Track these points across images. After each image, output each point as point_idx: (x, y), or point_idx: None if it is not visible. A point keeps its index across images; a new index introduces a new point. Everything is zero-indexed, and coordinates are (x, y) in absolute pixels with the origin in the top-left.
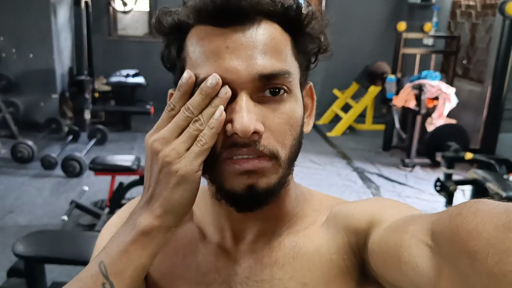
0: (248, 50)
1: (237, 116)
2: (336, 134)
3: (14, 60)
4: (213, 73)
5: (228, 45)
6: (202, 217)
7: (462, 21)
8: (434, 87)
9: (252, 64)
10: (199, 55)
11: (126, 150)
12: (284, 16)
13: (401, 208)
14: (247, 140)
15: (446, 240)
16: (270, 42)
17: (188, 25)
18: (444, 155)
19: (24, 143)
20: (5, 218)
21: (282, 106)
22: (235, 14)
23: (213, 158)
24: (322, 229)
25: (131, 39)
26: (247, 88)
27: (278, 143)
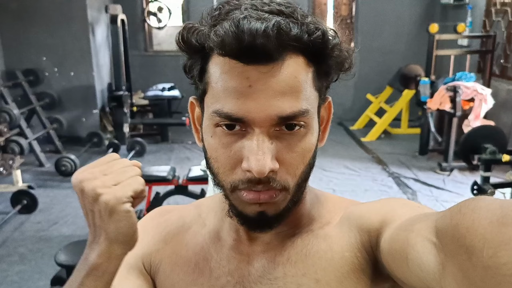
0: (269, 91)
1: (254, 156)
2: (371, 139)
3: (56, 79)
4: (235, 110)
5: (250, 84)
6: (218, 221)
7: (497, 19)
8: (469, 89)
9: (272, 106)
10: (222, 89)
11: (164, 160)
12: (310, 48)
13: (412, 207)
14: (264, 178)
15: (448, 237)
16: (292, 82)
17: (212, 50)
18: (480, 157)
19: (67, 157)
20: (50, 229)
21: (298, 141)
22: (260, 54)
23: (228, 185)
24: (335, 228)
25: (166, 54)
26: (265, 127)
27: (289, 175)
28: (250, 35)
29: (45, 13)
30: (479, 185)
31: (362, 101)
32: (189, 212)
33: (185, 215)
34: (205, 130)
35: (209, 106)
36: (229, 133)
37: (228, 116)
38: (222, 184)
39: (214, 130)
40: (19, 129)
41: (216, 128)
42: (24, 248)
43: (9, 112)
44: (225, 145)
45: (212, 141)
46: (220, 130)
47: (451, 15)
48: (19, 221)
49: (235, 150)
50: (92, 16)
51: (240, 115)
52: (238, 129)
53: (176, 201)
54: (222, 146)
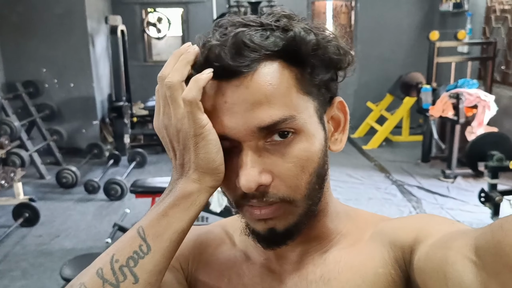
0: (244, 103)
1: (241, 172)
2: (373, 147)
3: (56, 90)
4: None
5: (226, 100)
6: (244, 241)
7: (497, 26)
8: (472, 95)
9: (249, 119)
10: (208, 110)
11: (165, 171)
12: (283, 52)
13: (447, 223)
14: (254, 192)
15: (489, 255)
16: (267, 90)
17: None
18: (487, 164)
19: (68, 169)
20: (52, 242)
21: (291, 149)
22: (226, 70)
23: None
24: (367, 245)
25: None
26: (250, 141)
27: (289, 188)
28: (215, 56)
29: (45, 25)
30: (486, 193)
31: (363, 109)
32: (215, 232)
33: (213, 233)
34: None
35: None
36: (226, 152)
37: (219, 136)
38: (231, 202)
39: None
40: (19, 141)
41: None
42: (26, 263)
43: (10, 124)
44: (226, 165)
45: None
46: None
47: (450, 22)
48: (20, 234)
49: (231, 167)
50: (92, 27)
51: (222, 133)
52: (229, 146)
53: None
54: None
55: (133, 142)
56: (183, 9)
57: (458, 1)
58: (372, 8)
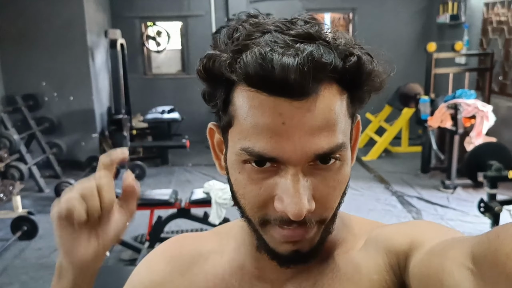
0: (305, 128)
1: (290, 199)
2: (372, 158)
3: (56, 103)
4: (268, 149)
5: (284, 121)
6: (239, 249)
7: (494, 37)
8: (470, 106)
9: (308, 144)
10: (251, 125)
11: (164, 184)
12: (344, 76)
13: (442, 230)
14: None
15: (486, 264)
16: (328, 115)
17: (237, 81)
18: (486, 174)
19: (67, 182)
20: (52, 255)
21: (334, 175)
22: (294, 90)
23: (257, 220)
24: (362, 251)
25: (165, 77)
26: (300, 165)
27: (326, 210)
28: (282, 71)
29: (45, 38)
30: (486, 203)
31: (362, 120)
32: (207, 241)
33: (203, 244)
34: (232, 165)
35: (236, 142)
36: (260, 170)
37: (260, 156)
38: (250, 218)
39: (243, 166)
40: (19, 154)
41: (244, 165)
42: (26, 276)
43: (9, 137)
44: (254, 182)
45: (240, 177)
46: (249, 166)
47: (447, 34)
48: (19, 248)
49: (266, 187)
50: (91, 41)
51: (274, 154)
52: (269, 166)
53: (178, 225)
54: (251, 183)
55: (132, 155)
56: (182, 22)
57: (455, 13)
58: (369, 21)
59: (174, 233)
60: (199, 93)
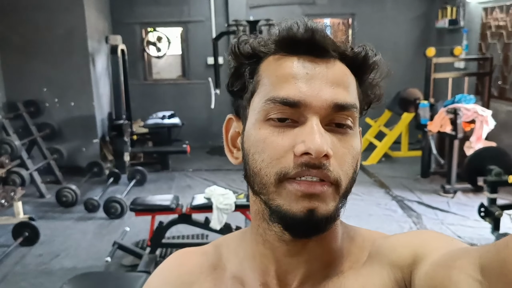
0: (325, 79)
1: (311, 137)
2: (372, 163)
3: (57, 109)
4: (292, 94)
5: (307, 71)
6: (241, 264)
7: (493, 42)
8: (469, 110)
9: (329, 92)
10: (278, 78)
11: (165, 189)
12: (353, 60)
13: (445, 241)
14: (318, 161)
15: (494, 274)
16: (343, 77)
17: (265, 54)
18: (486, 179)
19: (68, 187)
20: (52, 262)
21: (347, 138)
22: (318, 48)
23: (273, 178)
24: (366, 267)
25: (165, 82)
26: (320, 114)
27: (341, 171)
28: (309, 31)
29: (46, 45)
30: (486, 207)
31: (361, 125)
32: (207, 256)
33: (203, 260)
34: (252, 126)
35: (260, 101)
36: (280, 124)
37: (285, 100)
38: (265, 181)
39: (264, 123)
40: (20, 160)
41: (266, 121)
42: (26, 283)
43: (10, 143)
44: (275, 134)
45: (261, 132)
46: (270, 122)
47: (446, 39)
48: (20, 254)
49: (287, 137)
50: (92, 47)
51: (297, 98)
52: (289, 122)
53: (179, 231)
54: (272, 135)
55: (133, 160)
56: (183, 28)
57: (454, 18)
58: (369, 26)
59: (175, 239)
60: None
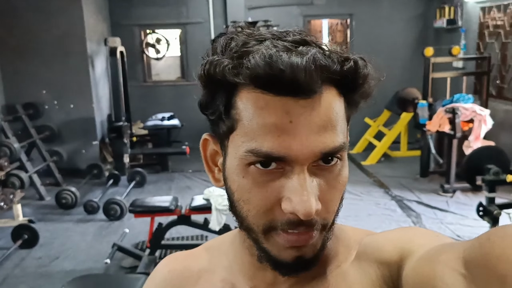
0: (311, 126)
1: (298, 197)
2: (371, 163)
3: (56, 111)
4: (276, 148)
5: (291, 119)
6: (231, 267)
7: (491, 41)
8: (468, 110)
9: (315, 142)
10: (258, 126)
11: (165, 190)
12: (343, 79)
13: (431, 236)
14: (306, 220)
15: (478, 267)
16: (331, 115)
17: (240, 85)
18: (484, 178)
19: (68, 189)
20: (51, 264)
21: (336, 176)
22: (302, 88)
23: (261, 227)
24: (353, 265)
25: (165, 84)
26: (306, 164)
27: (328, 213)
28: (291, 70)
29: (45, 48)
30: (484, 206)
31: (361, 125)
32: (197, 259)
33: (193, 264)
34: (234, 170)
35: (240, 146)
36: (265, 171)
37: (267, 155)
38: (252, 227)
39: (247, 170)
40: (19, 163)
41: (249, 168)
42: (25, 285)
43: (9, 146)
44: (260, 185)
45: (245, 182)
46: (254, 169)
47: (444, 38)
48: (19, 256)
49: (272, 190)
50: (91, 49)
51: (282, 153)
52: (274, 167)
53: (178, 232)
54: (256, 186)
55: (132, 162)
56: (181, 30)
57: (451, 18)
58: (367, 26)
59: (174, 240)
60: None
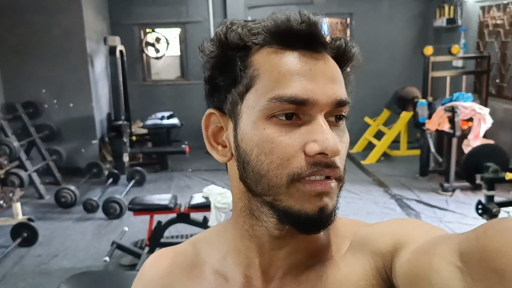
0: (327, 76)
1: (323, 136)
2: (371, 162)
3: (55, 110)
4: (300, 92)
5: (310, 68)
6: (224, 259)
7: (491, 40)
8: (467, 109)
9: (333, 89)
10: (281, 75)
11: (164, 189)
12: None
13: (425, 228)
14: (330, 161)
15: (474, 260)
16: (339, 73)
17: (257, 45)
18: (483, 176)
19: (67, 188)
20: (51, 262)
21: (343, 133)
22: (318, 42)
23: (284, 179)
24: (348, 255)
25: (164, 83)
26: (325, 111)
27: (343, 167)
28: (309, 24)
29: (45, 46)
30: (484, 204)
31: (360, 124)
32: (186, 254)
33: (181, 259)
34: (252, 127)
35: (261, 97)
36: (287, 123)
37: (293, 99)
38: (273, 183)
39: (268, 122)
40: (18, 162)
41: (270, 120)
42: (25, 283)
43: (9, 145)
44: (283, 133)
45: (267, 132)
46: (275, 120)
47: (444, 37)
48: (19, 254)
49: (295, 136)
50: (91, 48)
51: (306, 96)
52: (295, 119)
53: (178, 230)
54: (280, 135)
55: (132, 161)
56: (181, 29)
57: (451, 17)
58: (367, 25)
59: (174, 238)
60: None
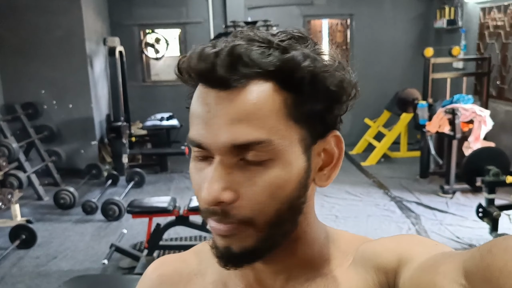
0: (225, 117)
1: (205, 186)
2: (371, 163)
3: (55, 111)
4: (195, 136)
5: (209, 110)
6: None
7: (491, 42)
8: (467, 111)
9: (226, 133)
10: (190, 115)
11: (163, 191)
12: (279, 74)
13: (430, 245)
14: (213, 209)
15: (478, 279)
16: (251, 109)
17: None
18: (484, 179)
19: (66, 189)
20: (49, 264)
21: (263, 174)
22: (216, 79)
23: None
24: (350, 270)
25: (164, 84)
26: (222, 155)
27: (253, 211)
28: (206, 61)
29: (44, 47)
30: (484, 208)
31: (360, 125)
32: (187, 262)
33: (183, 267)
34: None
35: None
36: (200, 160)
37: (192, 142)
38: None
39: (192, 157)
40: (17, 163)
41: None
42: (23, 285)
43: (8, 146)
44: (197, 170)
45: (190, 166)
46: (194, 156)
47: (445, 39)
48: (17, 256)
49: (203, 176)
50: (90, 49)
51: (198, 141)
52: (205, 155)
53: (177, 232)
54: (195, 171)
55: (131, 162)
56: (181, 29)
57: (452, 18)
58: (367, 26)
59: (173, 241)
60: None
